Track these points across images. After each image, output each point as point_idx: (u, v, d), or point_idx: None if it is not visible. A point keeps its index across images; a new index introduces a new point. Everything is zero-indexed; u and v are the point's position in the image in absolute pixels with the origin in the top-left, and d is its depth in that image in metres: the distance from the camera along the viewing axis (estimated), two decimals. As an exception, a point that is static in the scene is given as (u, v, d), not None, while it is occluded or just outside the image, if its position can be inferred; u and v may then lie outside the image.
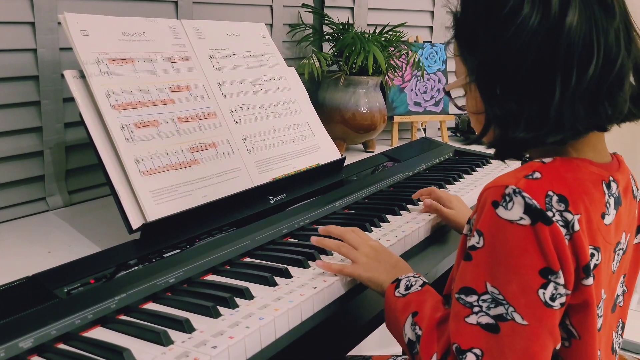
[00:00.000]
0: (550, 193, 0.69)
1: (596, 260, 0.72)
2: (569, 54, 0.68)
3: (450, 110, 2.12)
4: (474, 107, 0.79)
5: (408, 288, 0.85)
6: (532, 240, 0.67)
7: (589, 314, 0.72)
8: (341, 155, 1.48)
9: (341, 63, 1.78)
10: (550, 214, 0.67)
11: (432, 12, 2.13)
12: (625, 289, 0.85)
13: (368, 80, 1.78)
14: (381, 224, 1.17)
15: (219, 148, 1.19)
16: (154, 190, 1.04)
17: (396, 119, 2.03)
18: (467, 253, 0.72)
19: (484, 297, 0.69)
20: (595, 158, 0.76)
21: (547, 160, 0.73)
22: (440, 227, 1.24)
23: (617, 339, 0.85)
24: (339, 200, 1.27)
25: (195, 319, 0.79)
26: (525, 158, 0.80)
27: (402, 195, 1.34)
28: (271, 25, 1.76)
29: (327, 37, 1.89)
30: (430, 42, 2.11)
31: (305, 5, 1.85)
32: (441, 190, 1.24)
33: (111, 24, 1.15)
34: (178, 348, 0.73)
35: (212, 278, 0.94)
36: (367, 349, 1.81)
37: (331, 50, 1.85)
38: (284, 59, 1.49)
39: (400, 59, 1.90)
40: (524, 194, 0.67)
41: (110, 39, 1.13)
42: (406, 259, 0.97)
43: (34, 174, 1.24)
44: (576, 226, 0.68)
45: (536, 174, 0.70)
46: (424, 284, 0.86)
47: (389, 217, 1.20)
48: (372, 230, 1.14)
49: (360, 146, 1.95)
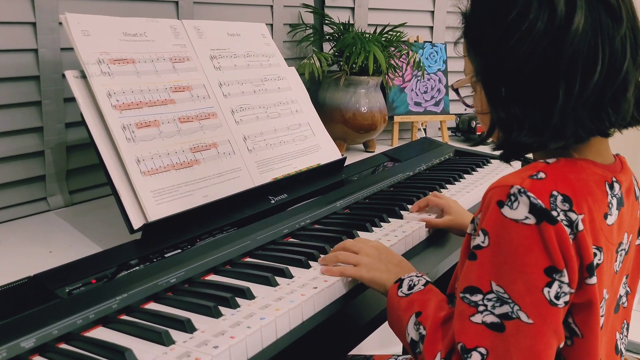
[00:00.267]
0: (555, 193, 0.69)
1: (598, 260, 0.72)
2: (573, 60, 0.68)
3: (451, 110, 2.12)
4: (480, 107, 0.80)
5: (411, 288, 0.85)
6: (537, 239, 0.67)
7: (593, 313, 0.72)
8: (342, 155, 1.48)
9: (342, 63, 1.78)
10: (555, 213, 0.68)
11: (433, 12, 2.13)
12: (628, 290, 0.86)
13: (368, 80, 1.78)
14: (382, 224, 1.17)
15: (219, 148, 1.19)
16: (155, 190, 1.04)
17: (396, 118, 2.03)
18: (472, 252, 0.72)
19: (489, 296, 0.69)
20: (598, 159, 0.77)
21: (551, 160, 0.74)
22: (441, 227, 1.23)
23: (622, 339, 0.85)
24: (339, 200, 1.27)
25: (196, 319, 0.79)
26: (529, 159, 0.80)
27: (403, 195, 1.34)
28: (272, 25, 1.76)
29: (328, 37, 1.89)
30: (431, 42, 2.11)
31: (305, 5, 1.85)
32: (437, 197, 1.23)
33: (112, 24, 1.15)
34: (179, 348, 0.73)
35: (213, 278, 0.95)
36: (368, 348, 1.81)
37: (332, 50, 1.86)
38: (285, 59, 1.50)
39: (401, 59, 1.91)
40: (529, 194, 0.68)
41: (111, 39, 1.13)
42: (407, 259, 0.97)
43: (35, 174, 1.25)
44: (580, 226, 0.69)
45: (541, 174, 0.71)
46: (426, 283, 0.86)
47: (390, 217, 1.20)
48: (373, 230, 1.14)
49: (361, 146, 1.95)
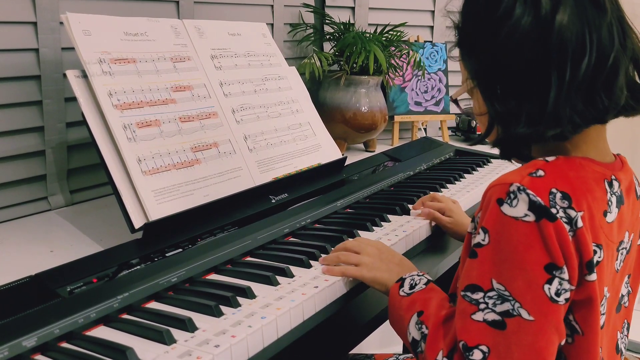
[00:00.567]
0: (554, 190, 0.69)
1: (598, 258, 0.72)
2: (562, 51, 0.70)
3: (451, 109, 2.12)
4: (478, 109, 0.81)
5: (412, 287, 0.85)
6: (537, 236, 0.68)
7: (593, 310, 0.72)
8: (342, 154, 1.48)
9: (342, 63, 1.78)
10: (554, 210, 0.68)
11: (433, 12, 2.13)
12: (630, 289, 0.86)
13: (369, 80, 1.78)
14: (382, 223, 1.17)
15: (220, 148, 1.19)
16: (156, 190, 1.04)
17: (397, 118, 2.03)
18: (473, 250, 0.72)
19: (490, 294, 0.69)
20: (598, 157, 0.77)
21: (550, 158, 0.74)
22: (442, 227, 1.24)
23: (623, 339, 0.85)
24: (340, 199, 1.27)
25: (197, 318, 0.79)
26: (528, 155, 0.80)
27: (403, 194, 1.34)
28: (272, 25, 1.76)
29: (328, 37, 1.89)
30: (431, 42, 2.11)
31: (306, 5, 1.85)
32: (441, 197, 1.23)
33: (113, 23, 1.15)
34: (181, 347, 0.73)
35: (214, 277, 0.95)
36: (369, 347, 1.82)
37: (332, 50, 1.86)
38: (285, 58, 1.50)
39: (401, 59, 1.91)
40: (529, 191, 0.68)
41: (112, 39, 1.13)
42: (408, 258, 0.97)
43: (35, 174, 1.25)
44: (579, 223, 0.69)
45: (540, 172, 0.71)
46: (428, 282, 0.86)
47: (390, 217, 1.21)
48: (374, 230, 1.14)
49: (361, 146, 1.95)
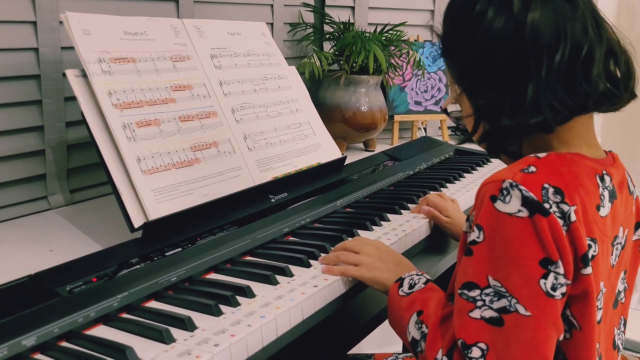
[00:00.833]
0: (547, 185, 0.70)
1: (593, 252, 0.73)
2: (537, 45, 0.72)
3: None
4: (466, 112, 0.83)
5: (412, 287, 0.85)
6: (531, 231, 0.68)
7: (589, 304, 0.73)
8: (342, 154, 1.48)
9: (342, 62, 1.79)
10: (547, 205, 0.69)
11: (433, 12, 2.13)
12: (626, 285, 0.86)
13: (369, 80, 1.78)
14: (382, 222, 1.17)
15: (220, 147, 1.19)
16: (156, 189, 1.04)
17: (397, 118, 2.03)
18: (468, 248, 0.73)
19: (487, 291, 0.70)
20: (588, 153, 0.78)
21: (542, 155, 0.75)
22: (441, 226, 1.23)
23: (619, 335, 0.86)
24: (339, 199, 1.27)
25: (197, 317, 0.79)
26: (516, 152, 0.81)
27: (403, 194, 1.34)
28: (272, 24, 1.76)
29: (328, 36, 1.89)
30: (431, 41, 2.11)
31: (306, 5, 1.85)
32: (437, 197, 1.23)
33: (113, 23, 1.15)
34: (180, 346, 0.73)
35: (214, 276, 0.95)
36: (369, 347, 1.82)
37: (332, 50, 1.86)
38: (285, 58, 1.50)
39: (401, 58, 1.91)
40: (521, 187, 0.69)
41: (112, 38, 1.13)
42: (407, 258, 0.97)
43: (35, 173, 1.25)
44: (572, 217, 0.70)
45: (532, 168, 0.72)
46: (427, 282, 0.86)
47: (390, 216, 1.21)
48: (373, 229, 1.14)
49: (361, 145, 1.95)
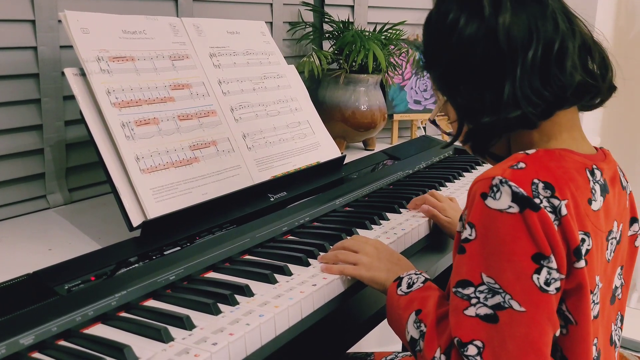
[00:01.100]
0: (536, 181, 0.71)
1: (588, 246, 0.73)
2: (510, 45, 0.75)
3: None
4: (452, 118, 0.84)
5: (410, 286, 0.85)
6: (522, 227, 0.69)
7: (583, 297, 0.73)
8: (341, 153, 1.48)
9: (341, 61, 1.78)
10: (537, 200, 0.69)
11: (432, 11, 2.13)
12: (623, 281, 0.86)
13: (368, 79, 1.78)
14: (381, 221, 1.17)
15: (219, 146, 1.19)
16: (155, 188, 1.04)
17: (396, 117, 2.03)
18: (461, 246, 0.73)
19: (481, 288, 0.70)
20: (577, 149, 0.79)
21: (531, 151, 0.76)
22: (440, 225, 1.23)
23: (617, 331, 0.86)
24: (339, 198, 1.27)
25: (195, 316, 0.79)
26: (501, 154, 0.82)
27: (402, 193, 1.34)
28: (271, 23, 1.76)
29: (327, 35, 1.89)
30: (431, 41, 2.11)
31: (305, 4, 1.85)
32: (439, 195, 1.23)
33: (111, 21, 1.15)
34: (178, 345, 0.73)
35: (213, 275, 0.95)
36: (368, 346, 1.82)
37: (331, 49, 1.85)
38: (284, 57, 1.50)
39: (400, 57, 1.91)
40: (511, 183, 0.69)
41: (111, 37, 1.13)
42: (406, 257, 0.97)
43: (34, 172, 1.25)
44: (563, 211, 0.70)
45: (521, 164, 0.73)
46: (425, 281, 0.86)
47: (389, 215, 1.21)
48: (372, 228, 1.14)
49: (360, 144, 1.95)
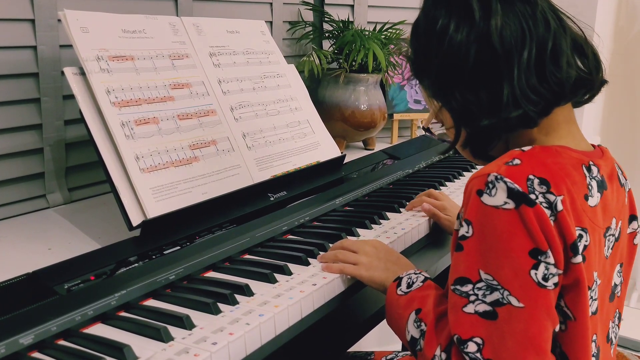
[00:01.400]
0: (531, 177, 0.71)
1: (585, 242, 0.73)
2: (504, 46, 0.75)
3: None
4: (447, 123, 0.83)
5: (410, 285, 0.85)
6: (518, 223, 0.69)
7: (581, 293, 0.73)
8: (341, 152, 1.48)
9: (341, 61, 1.78)
10: (533, 196, 0.69)
11: (432, 10, 2.12)
12: (622, 279, 0.86)
13: (368, 78, 1.78)
14: (381, 221, 1.17)
15: (218, 145, 1.19)
16: (154, 188, 1.04)
17: (396, 116, 2.03)
18: (458, 244, 0.73)
19: (479, 285, 0.70)
20: (574, 146, 0.79)
21: (527, 148, 0.76)
22: (440, 225, 1.23)
23: (614, 329, 0.86)
24: (338, 197, 1.27)
25: (195, 316, 0.79)
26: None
27: (402, 192, 1.34)
28: (271, 22, 1.76)
29: (327, 35, 1.89)
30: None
31: (305, 3, 1.85)
32: (439, 194, 1.23)
33: (111, 21, 1.15)
34: (178, 344, 0.73)
35: (212, 275, 0.95)
36: (368, 345, 1.82)
37: (331, 48, 1.85)
38: (284, 56, 1.49)
39: (400, 57, 1.90)
40: (506, 179, 0.70)
41: (110, 36, 1.13)
42: (406, 256, 0.97)
43: (34, 171, 1.24)
44: (559, 206, 0.70)
45: (516, 160, 0.73)
46: (425, 280, 0.86)
47: (389, 215, 1.20)
48: (372, 228, 1.14)
49: (360, 144, 1.95)
